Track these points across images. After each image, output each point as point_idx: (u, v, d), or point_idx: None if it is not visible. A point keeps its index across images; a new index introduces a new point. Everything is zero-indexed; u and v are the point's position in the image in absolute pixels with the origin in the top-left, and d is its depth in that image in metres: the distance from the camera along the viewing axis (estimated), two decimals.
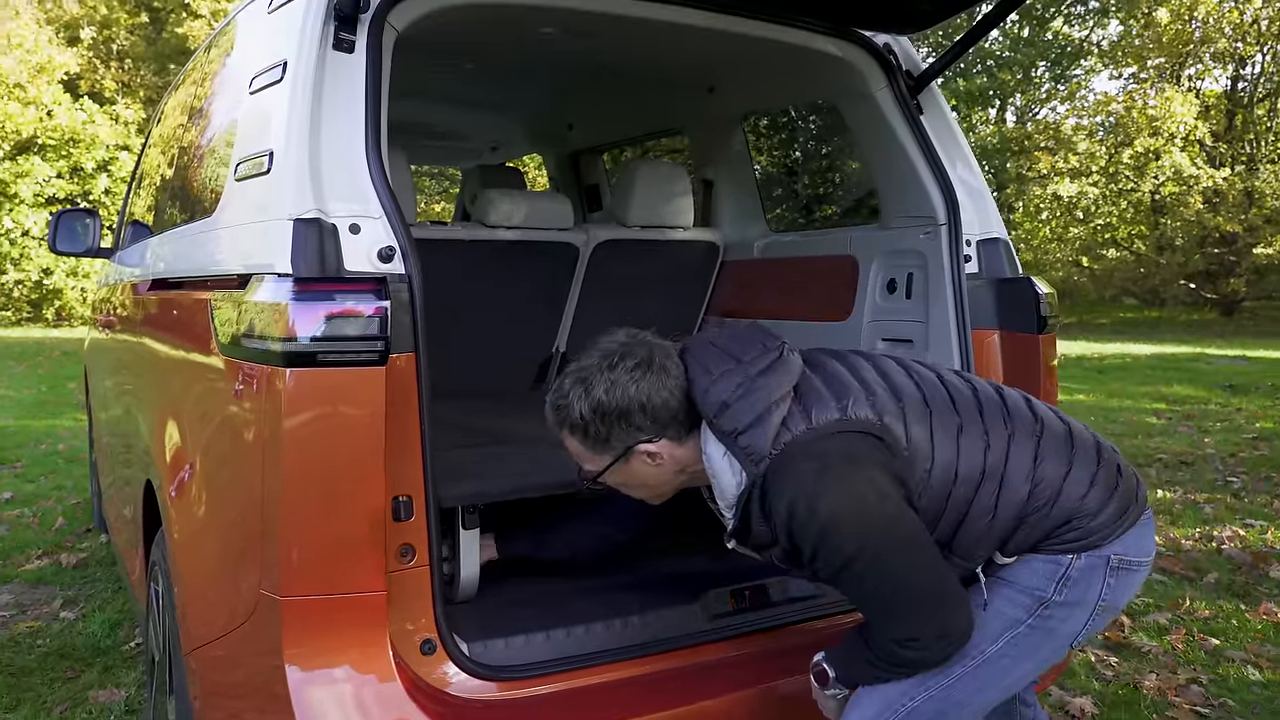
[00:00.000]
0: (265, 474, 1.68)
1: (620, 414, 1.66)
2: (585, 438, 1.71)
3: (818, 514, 1.55)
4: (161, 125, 3.97)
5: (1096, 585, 1.68)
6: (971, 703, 1.72)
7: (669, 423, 1.68)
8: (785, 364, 1.67)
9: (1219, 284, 21.34)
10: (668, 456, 1.71)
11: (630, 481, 1.77)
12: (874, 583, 1.60)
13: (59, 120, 18.14)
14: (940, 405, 1.70)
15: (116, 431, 3.39)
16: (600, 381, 1.66)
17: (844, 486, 1.57)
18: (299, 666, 1.66)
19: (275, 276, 1.73)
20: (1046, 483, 1.67)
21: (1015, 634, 1.69)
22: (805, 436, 1.60)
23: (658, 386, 1.66)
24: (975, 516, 1.66)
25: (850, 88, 2.70)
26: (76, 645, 3.55)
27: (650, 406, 1.66)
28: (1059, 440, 1.72)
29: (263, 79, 2.03)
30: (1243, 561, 4.43)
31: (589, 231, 3.37)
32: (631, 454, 1.70)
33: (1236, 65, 21.66)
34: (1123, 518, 1.70)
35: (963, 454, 1.65)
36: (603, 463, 1.73)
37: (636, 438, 1.68)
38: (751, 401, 1.61)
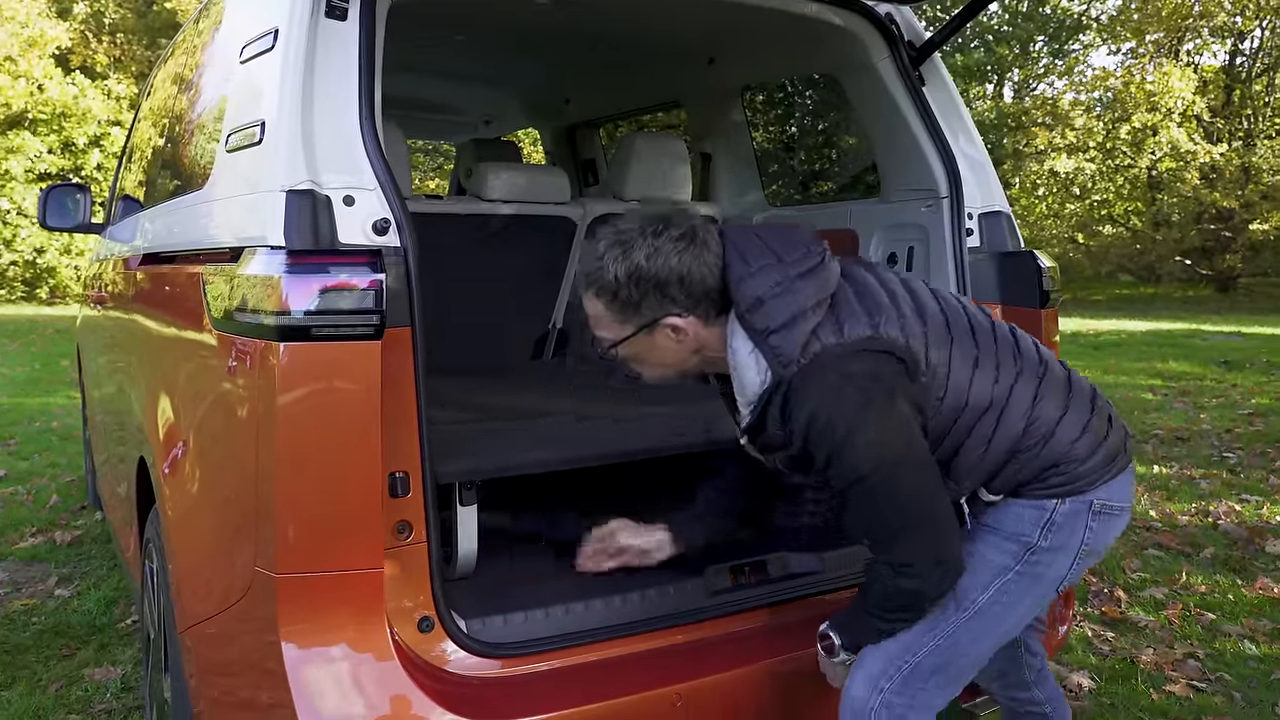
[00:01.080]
0: (259, 450, 1.65)
1: (657, 283, 1.61)
2: (613, 302, 1.65)
3: (837, 429, 1.56)
4: (152, 98, 3.92)
5: (1080, 530, 1.71)
6: (969, 653, 1.75)
7: (701, 300, 1.64)
8: (825, 270, 1.65)
9: (1215, 260, 21.35)
10: (692, 334, 1.67)
11: (646, 356, 1.72)
12: (881, 503, 1.61)
13: (50, 94, 17.97)
14: (961, 332, 1.71)
15: (109, 408, 3.36)
16: (641, 247, 1.61)
17: (867, 408, 1.57)
18: (295, 644, 1.64)
19: (268, 249, 1.70)
20: (1041, 422, 1.69)
21: (1004, 581, 1.71)
22: (835, 350, 1.59)
23: (698, 261, 1.62)
24: (972, 446, 1.68)
25: (852, 59, 2.66)
26: (72, 623, 3.54)
27: (688, 280, 1.62)
28: (1059, 384, 1.75)
29: (253, 48, 1.99)
30: (1239, 537, 4.44)
31: (585, 205, 3.34)
32: (657, 326, 1.66)
33: (1235, 40, 21.58)
34: (1109, 465, 1.73)
35: (974, 384, 1.67)
36: (624, 331, 1.68)
37: (668, 310, 1.64)
38: (787, 302, 1.59)
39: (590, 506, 2.73)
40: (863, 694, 1.74)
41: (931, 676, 1.73)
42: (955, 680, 1.78)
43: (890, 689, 1.72)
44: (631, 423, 2.47)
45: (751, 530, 2.49)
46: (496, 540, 2.28)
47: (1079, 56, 24.61)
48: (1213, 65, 22.32)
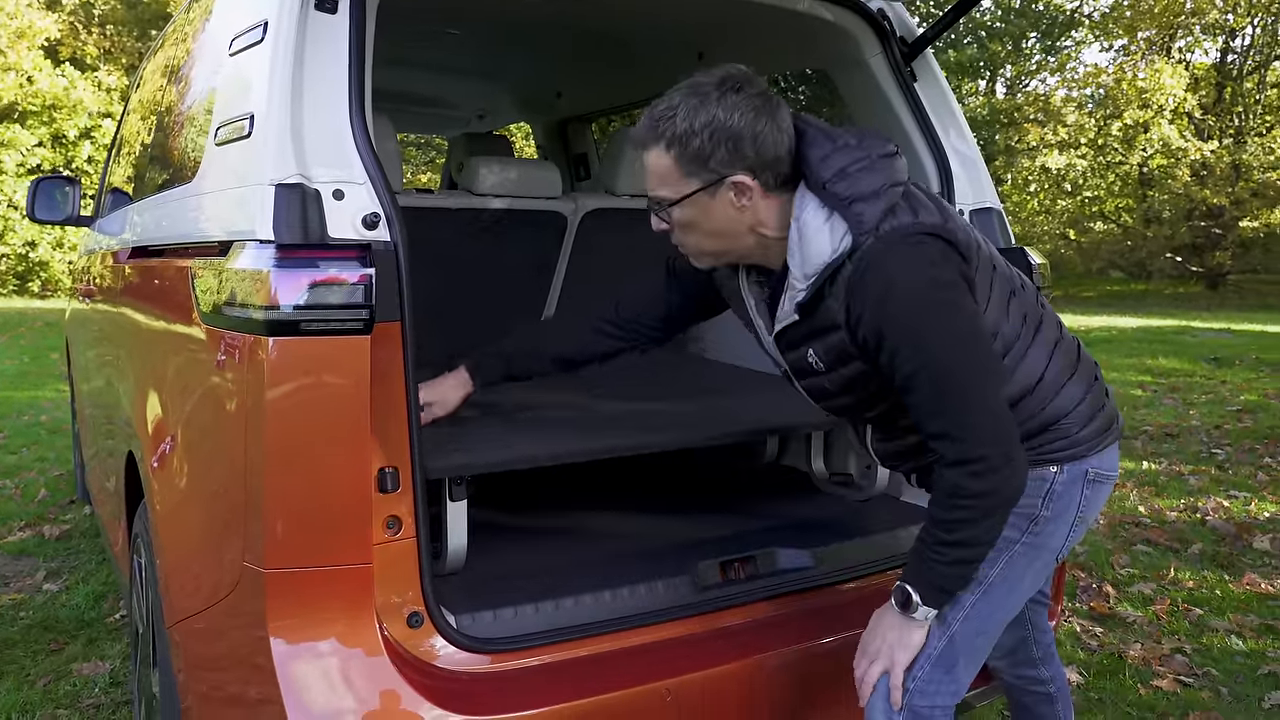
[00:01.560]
0: (248, 445, 1.65)
1: (731, 136, 1.57)
2: (683, 153, 1.60)
3: (921, 299, 1.56)
4: (141, 90, 3.89)
5: (1076, 498, 1.76)
6: (987, 629, 1.78)
7: (769, 165, 1.61)
8: (900, 160, 1.68)
9: (1205, 257, 21.43)
10: (755, 201, 1.63)
11: (701, 221, 1.67)
12: (955, 386, 1.57)
13: (40, 86, 17.85)
14: (1000, 264, 1.77)
15: (98, 402, 3.35)
16: (720, 101, 1.57)
17: (943, 286, 1.58)
18: (284, 639, 1.63)
19: (257, 243, 1.69)
20: (1052, 377, 1.74)
21: (1011, 554, 1.75)
22: (913, 227, 1.58)
23: (772, 125, 1.59)
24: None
25: (844, 54, 2.66)
26: (60, 617, 3.53)
27: (760, 141, 1.58)
28: (1070, 349, 1.82)
29: (243, 40, 1.98)
30: (1227, 533, 4.46)
31: (577, 200, 3.33)
32: (723, 185, 1.61)
33: (1227, 37, 21.64)
34: (1103, 435, 1.79)
35: (1010, 315, 1.72)
36: (688, 188, 1.63)
37: (736, 167, 1.59)
38: (873, 177, 1.60)
39: (581, 501, 2.73)
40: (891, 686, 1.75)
41: (958, 660, 1.75)
42: (976, 661, 1.80)
43: (922, 678, 1.73)
44: (622, 419, 2.47)
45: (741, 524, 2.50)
46: (486, 535, 2.28)
47: (1071, 53, 24.67)
48: (1204, 62, 22.39)
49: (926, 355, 1.56)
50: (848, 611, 2.19)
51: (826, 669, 2.07)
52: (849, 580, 2.25)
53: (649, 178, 1.69)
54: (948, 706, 1.77)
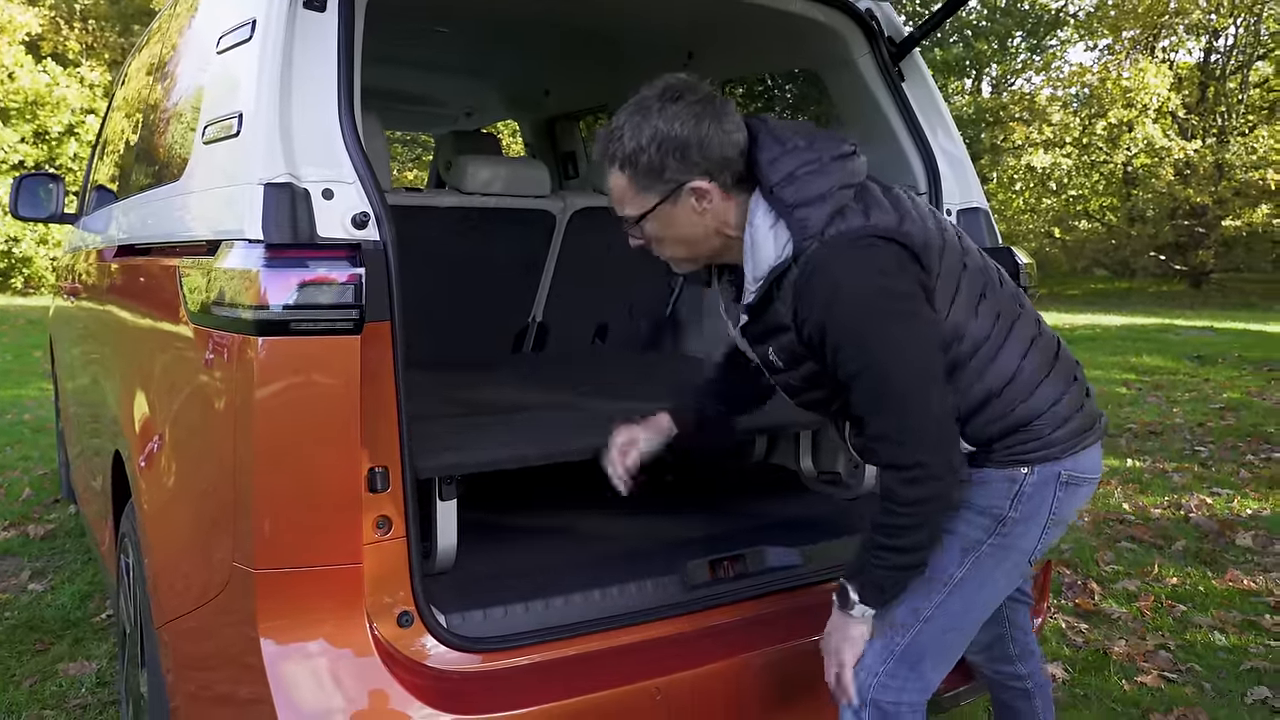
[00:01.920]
0: (237, 445, 1.64)
1: (678, 145, 1.60)
2: (635, 170, 1.64)
3: (862, 303, 1.57)
4: (126, 87, 3.87)
5: (1048, 500, 1.73)
6: (955, 628, 1.78)
7: (721, 166, 1.63)
8: (856, 160, 1.68)
9: (1188, 256, 21.57)
10: (715, 203, 1.66)
11: (670, 233, 1.70)
12: (896, 389, 1.59)
13: (21, 83, 17.69)
14: (974, 264, 1.74)
15: (83, 401, 3.33)
16: (660, 112, 1.60)
17: (889, 289, 1.59)
18: (274, 640, 1.63)
19: (246, 243, 1.68)
20: (1025, 378, 1.71)
21: (978, 555, 1.74)
22: (862, 231, 1.59)
23: (717, 129, 1.61)
24: (961, 376, 1.69)
25: (832, 54, 2.67)
26: (46, 617, 3.50)
27: (706, 144, 1.61)
28: (1049, 348, 1.78)
29: (230, 38, 1.97)
30: (1210, 529, 4.50)
31: (566, 199, 3.33)
32: (681, 192, 1.64)
33: (1210, 37, 21.77)
34: (1080, 437, 1.76)
35: (979, 316, 1.69)
36: (648, 202, 1.66)
37: (690, 173, 1.62)
38: (820, 180, 1.61)
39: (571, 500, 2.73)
40: (860, 680, 1.76)
41: (922, 659, 1.75)
42: (946, 659, 1.81)
43: (885, 672, 1.74)
44: (612, 418, 2.47)
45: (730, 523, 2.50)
46: (476, 534, 2.28)
47: (1056, 52, 24.79)
48: (1188, 62, 22.53)
49: (868, 358, 1.59)
50: None
51: (814, 667, 2.08)
52: (837, 578, 2.26)
53: (612, 199, 1.72)
54: (915, 703, 1.77)
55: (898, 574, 1.69)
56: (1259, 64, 21.88)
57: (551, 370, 3.34)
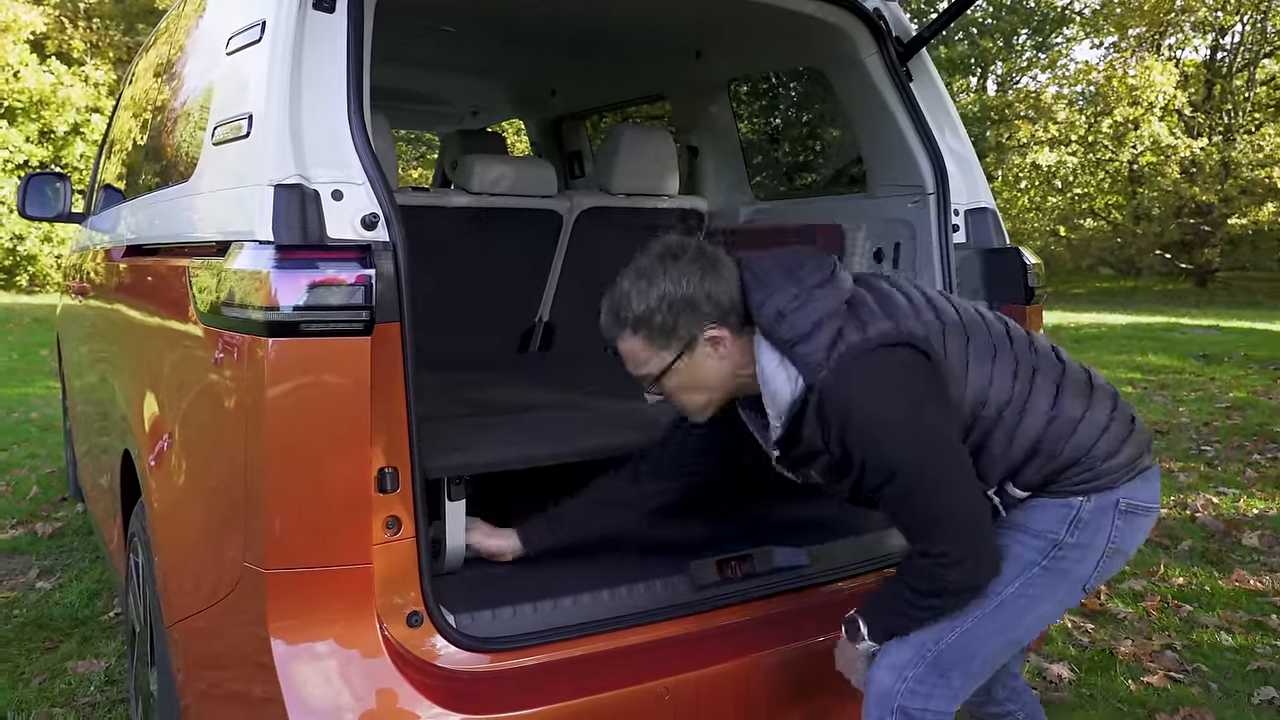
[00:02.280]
0: (248, 446, 1.65)
1: (687, 302, 1.70)
2: (650, 332, 1.73)
3: (876, 419, 1.64)
4: (133, 87, 3.88)
5: (1106, 528, 1.75)
6: (992, 644, 1.79)
7: (729, 311, 1.73)
8: (838, 280, 1.75)
9: (1194, 254, 21.52)
10: (729, 347, 1.75)
11: (691, 382, 1.78)
12: (918, 493, 1.66)
13: (26, 83, 17.72)
14: (977, 331, 1.77)
15: (92, 400, 3.34)
16: (663, 275, 1.71)
17: (899, 395, 1.65)
18: (284, 640, 1.64)
19: (256, 244, 1.69)
20: (1063, 419, 1.74)
21: (1029, 575, 1.75)
22: (861, 346, 1.66)
23: (717, 279, 1.72)
24: (995, 442, 1.73)
25: (840, 54, 2.67)
26: (54, 615, 3.52)
27: (714, 297, 1.71)
28: (1079, 384, 1.80)
29: (240, 39, 1.97)
30: (1216, 529, 4.49)
31: (573, 199, 3.33)
32: (697, 344, 1.73)
33: (1216, 35, 21.71)
34: (1133, 464, 1.77)
35: (995, 380, 1.72)
36: (667, 359, 1.75)
37: (703, 325, 1.72)
38: (808, 312, 1.68)
39: None
40: (888, 682, 1.77)
41: (954, 668, 1.76)
42: (975, 674, 1.81)
43: (914, 677, 1.76)
44: (620, 418, 2.47)
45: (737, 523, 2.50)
46: None
47: (1062, 50, 24.73)
48: (1194, 60, 22.47)
49: (889, 470, 1.65)
50: (843, 610, 2.20)
51: (823, 667, 2.08)
52: (844, 579, 2.26)
53: (628, 363, 1.81)
54: (941, 712, 1.77)
55: (911, 624, 1.76)
56: (1265, 61, 21.81)
57: (558, 370, 3.34)
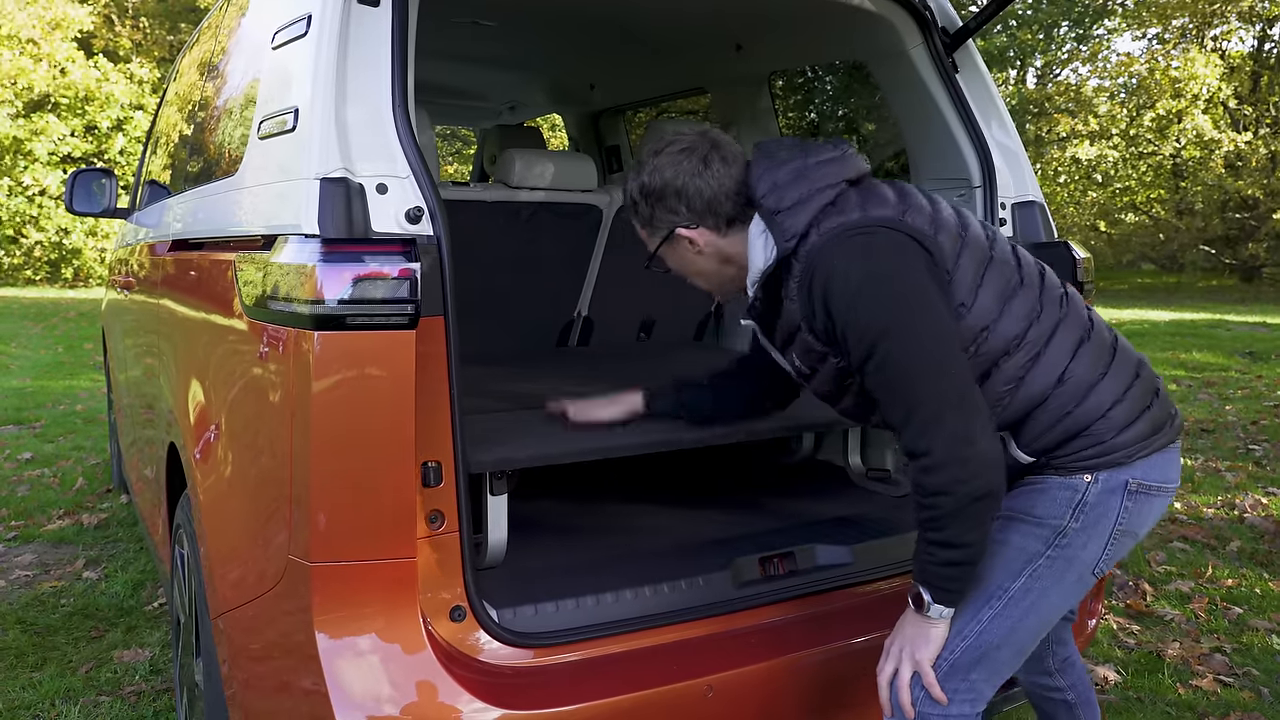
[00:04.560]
0: (293, 439, 1.66)
1: (657, 196, 1.76)
2: (635, 217, 1.83)
3: (857, 284, 1.60)
4: (178, 83, 3.92)
5: (1113, 511, 1.69)
6: (1009, 642, 1.72)
7: (704, 212, 1.74)
8: (845, 159, 1.72)
9: (1238, 249, 21.08)
10: (706, 245, 1.78)
11: (683, 267, 1.86)
12: (900, 376, 1.58)
13: (73, 77, 18.05)
14: (1003, 260, 1.72)
15: (136, 393, 3.38)
16: (647, 167, 1.78)
17: (888, 266, 1.61)
18: (329, 634, 1.64)
19: (301, 237, 1.69)
20: (1075, 381, 1.67)
21: (1036, 567, 1.70)
22: (859, 223, 1.63)
23: (695, 174, 1.73)
24: (998, 380, 1.66)
25: (884, 46, 2.63)
26: (100, 605, 3.57)
27: (684, 193, 1.73)
28: (1102, 347, 1.73)
29: (286, 33, 1.98)
30: (1265, 530, 4.40)
31: (613, 193, 3.32)
32: (674, 238, 1.79)
33: (1264, 25, 21.22)
34: (1149, 440, 1.70)
35: (1008, 311, 1.67)
36: (652, 244, 1.84)
37: (674, 221, 1.76)
38: (800, 186, 1.67)
39: (618, 495, 2.73)
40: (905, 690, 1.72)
41: (974, 669, 1.71)
42: (999, 670, 1.75)
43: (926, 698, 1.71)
44: None
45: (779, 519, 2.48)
46: (525, 529, 2.29)
47: (1104, 42, 24.30)
48: (1240, 51, 21.99)
49: (871, 342, 1.59)
50: (887, 608, 2.17)
51: (866, 666, 2.06)
52: (888, 577, 2.24)
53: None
54: (965, 715, 1.72)
55: (951, 569, 1.64)
56: None
57: (598, 366, 3.33)
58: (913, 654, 1.70)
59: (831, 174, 1.69)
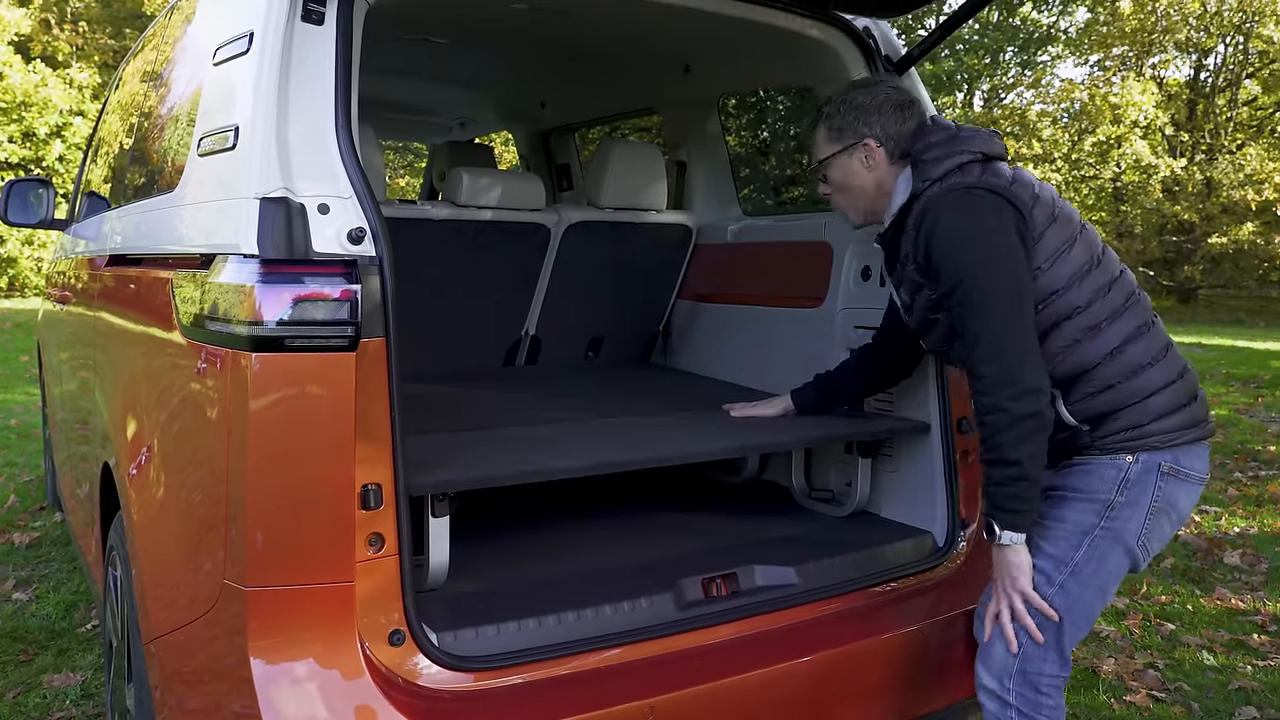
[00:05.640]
0: (230, 462, 1.63)
1: (863, 110, 2.13)
2: (830, 124, 2.16)
3: (956, 229, 1.93)
4: (120, 92, 3.85)
5: (1150, 487, 1.96)
6: (1077, 608, 1.98)
7: (891, 139, 2.12)
8: (990, 139, 2.06)
9: (1175, 271, 21.68)
10: (880, 162, 2.13)
11: (843, 179, 2.18)
12: (977, 310, 1.90)
13: (11, 81, 17.62)
14: (1088, 241, 2.02)
15: (72, 408, 3.30)
16: (864, 88, 2.18)
17: (989, 228, 1.92)
18: (264, 660, 1.62)
19: (240, 257, 1.67)
20: (1127, 359, 1.94)
21: (1093, 538, 1.97)
22: (975, 183, 1.97)
23: (893, 116, 2.13)
24: (1057, 338, 1.95)
25: (829, 71, 2.67)
26: (30, 627, 3.47)
27: (884, 118, 2.12)
28: (1157, 342, 2.00)
29: (227, 50, 1.96)
30: (1198, 547, 4.52)
31: (560, 212, 3.33)
32: (856, 148, 2.13)
33: (1199, 55, 21.92)
34: (1180, 433, 1.97)
35: (1075, 286, 1.95)
36: (830, 151, 2.17)
37: (866, 134, 2.12)
38: (949, 146, 2.04)
39: (563, 516, 2.72)
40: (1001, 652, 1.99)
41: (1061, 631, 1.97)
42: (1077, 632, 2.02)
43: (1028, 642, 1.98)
44: (608, 435, 2.46)
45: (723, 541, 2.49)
46: (468, 551, 2.27)
47: (1047, 68, 24.90)
48: (1176, 80, 22.68)
49: (961, 274, 1.91)
50: (829, 628, 2.19)
51: (809, 686, 2.08)
52: (831, 597, 2.26)
53: (810, 150, 2.23)
54: (1055, 676, 1.99)
55: (1007, 488, 1.89)
56: (1247, 82, 22.03)
57: (545, 385, 3.32)
58: (1011, 586, 1.96)
59: (972, 144, 2.03)
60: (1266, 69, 21.11)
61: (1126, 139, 20.49)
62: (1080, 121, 21.33)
